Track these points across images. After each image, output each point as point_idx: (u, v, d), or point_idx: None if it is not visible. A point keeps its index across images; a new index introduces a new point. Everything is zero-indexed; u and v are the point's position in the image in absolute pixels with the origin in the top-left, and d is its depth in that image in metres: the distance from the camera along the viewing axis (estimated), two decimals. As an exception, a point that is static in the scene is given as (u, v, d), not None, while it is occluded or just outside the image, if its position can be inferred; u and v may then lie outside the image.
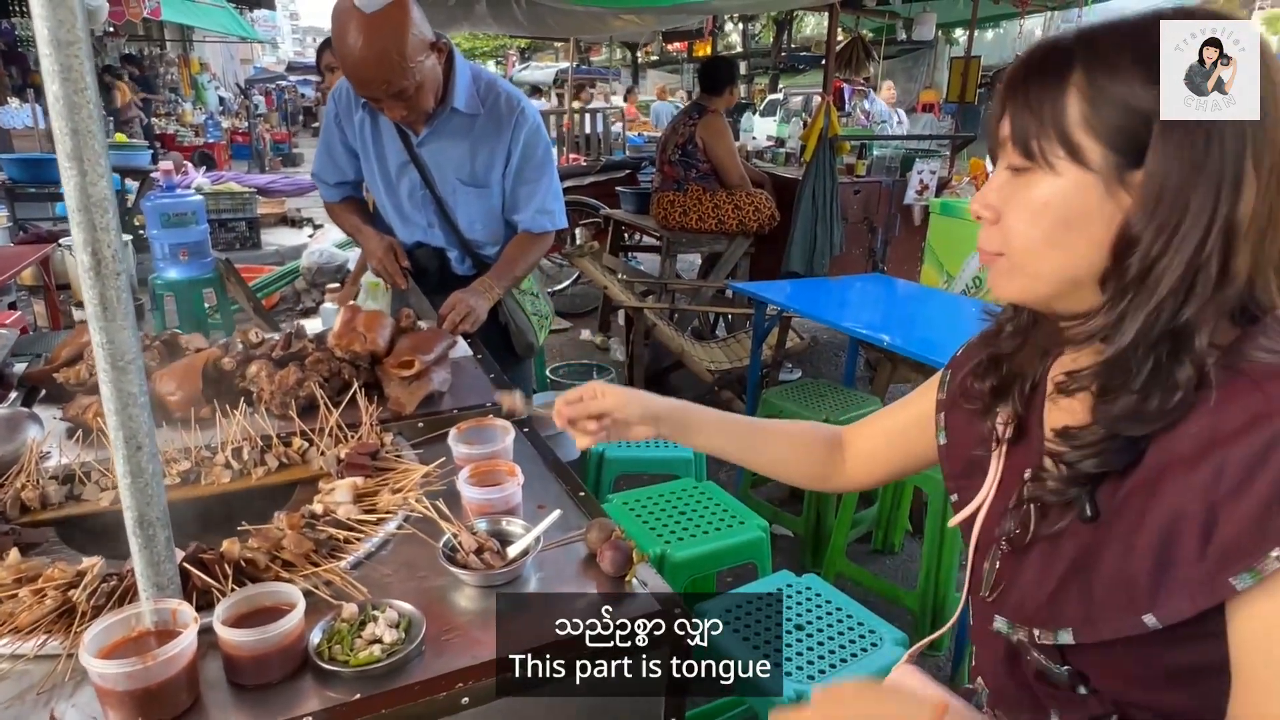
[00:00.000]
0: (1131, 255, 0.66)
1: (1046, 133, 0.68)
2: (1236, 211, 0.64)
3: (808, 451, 1.13)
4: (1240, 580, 0.61)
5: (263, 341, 1.65)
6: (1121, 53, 0.67)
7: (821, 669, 1.54)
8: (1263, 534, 0.61)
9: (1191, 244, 0.64)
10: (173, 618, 0.89)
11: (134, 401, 0.82)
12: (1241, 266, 0.64)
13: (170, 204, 4.28)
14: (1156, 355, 0.66)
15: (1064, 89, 0.67)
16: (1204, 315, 0.65)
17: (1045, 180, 0.69)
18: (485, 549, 1.09)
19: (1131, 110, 0.65)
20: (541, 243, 2.15)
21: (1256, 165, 0.64)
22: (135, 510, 0.86)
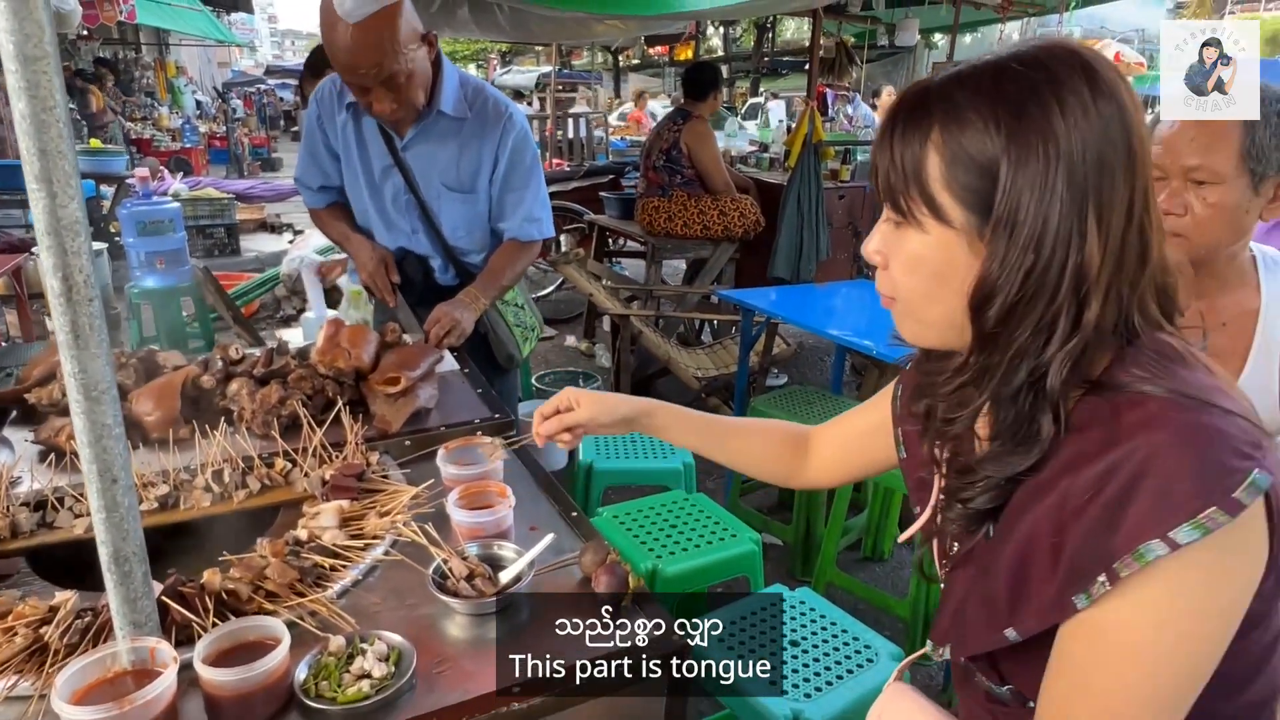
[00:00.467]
0: (990, 307, 0.68)
1: (911, 192, 0.70)
2: (1084, 260, 0.65)
3: (773, 450, 1.17)
4: (1079, 600, 0.65)
5: (243, 358, 1.61)
6: (972, 107, 0.68)
7: (818, 685, 1.51)
8: (1096, 557, 0.64)
9: (1045, 295, 0.66)
10: (151, 657, 0.85)
11: (108, 433, 0.78)
12: (1094, 314, 0.66)
13: (147, 211, 4.20)
14: (1020, 403, 0.69)
15: (925, 148, 0.69)
16: (1058, 365, 0.67)
17: (916, 235, 0.72)
18: (477, 575, 1.06)
19: (981, 168, 0.67)
20: (528, 252, 2.11)
21: (1100, 216, 0.66)
22: (110, 546, 0.82)
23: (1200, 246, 1.30)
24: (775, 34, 11.31)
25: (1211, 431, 0.63)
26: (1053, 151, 0.65)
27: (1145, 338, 0.70)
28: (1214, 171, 1.25)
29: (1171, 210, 1.30)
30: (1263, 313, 1.37)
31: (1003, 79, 0.67)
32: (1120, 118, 0.66)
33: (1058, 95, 0.65)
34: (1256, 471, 0.61)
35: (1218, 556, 0.63)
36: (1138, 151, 0.67)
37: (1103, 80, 0.66)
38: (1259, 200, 1.28)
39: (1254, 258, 1.39)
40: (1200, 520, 0.60)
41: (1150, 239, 0.69)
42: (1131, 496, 0.63)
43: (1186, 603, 0.64)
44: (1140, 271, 0.69)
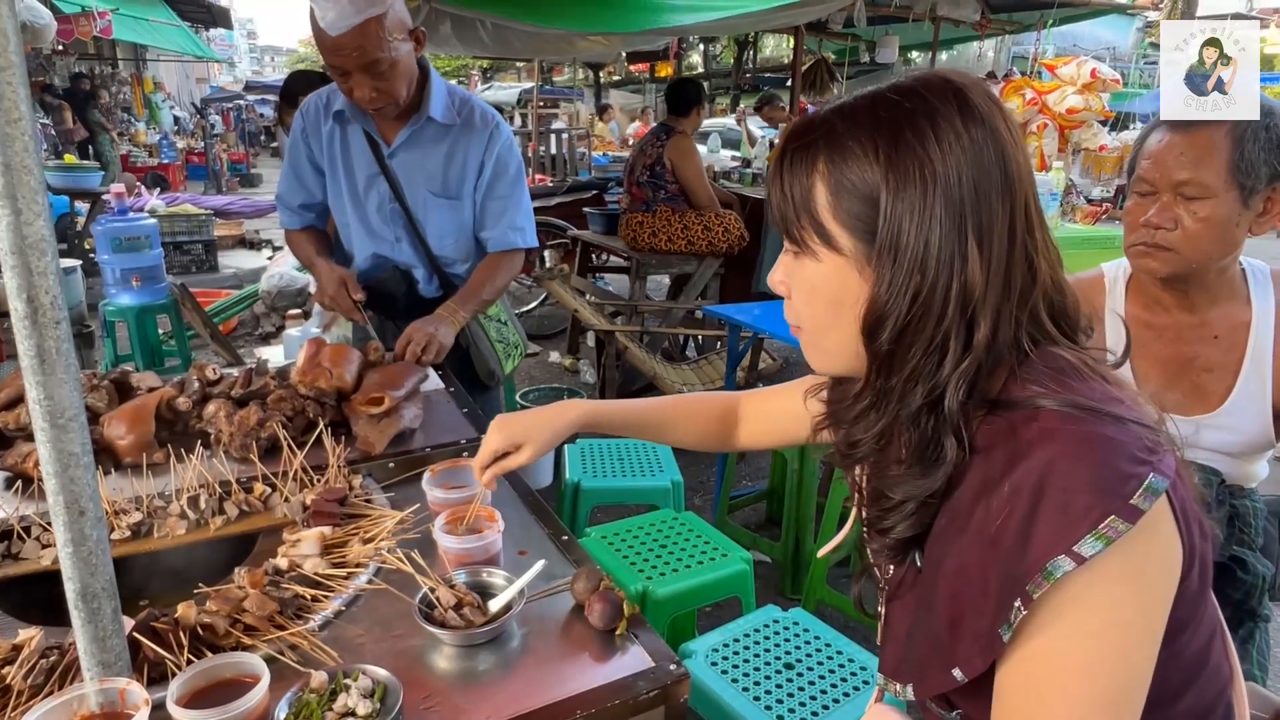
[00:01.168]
0: (881, 331, 0.69)
1: (803, 222, 0.72)
2: (967, 281, 0.67)
3: (710, 426, 1.23)
4: (1004, 632, 0.65)
5: (221, 379, 1.56)
6: (852, 137, 0.69)
7: (814, 710, 1.48)
8: (1013, 583, 0.64)
9: (933, 316, 0.67)
10: (121, 699, 0.80)
11: (76, 462, 0.74)
12: (984, 334, 0.67)
13: (122, 228, 4.13)
14: (921, 426, 0.70)
15: (812, 179, 0.71)
16: (953, 385, 0.68)
17: (812, 265, 0.74)
18: (465, 604, 1.02)
19: (863, 196, 0.69)
20: (510, 263, 2.08)
21: (980, 238, 0.67)
22: (78, 581, 0.77)
23: (1190, 261, 1.30)
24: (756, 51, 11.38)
25: (1103, 441, 0.63)
26: (929, 176, 0.66)
27: (1038, 353, 0.70)
28: (1203, 185, 1.25)
29: (1161, 224, 1.29)
30: (1254, 326, 1.37)
31: (879, 108, 0.69)
32: (994, 142, 0.67)
33: (932, 122, 0.67)
34: (1152, 475, 0.62)
35: (1125, 563, 0.62)
36: (1014, 175, 0.68)
37: (975, 107, 0.68)
38: (1248, 214, 1.28)
39: (1243, 271, 1.39)
40: (1101, 531, 0.61)
41: (1037, 259, 0.70)
42: (1035, 515, 0.63)
43: (1104, 615, 0.63)
44: (1030, 290, 0.70)
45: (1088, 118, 3.80)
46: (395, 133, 1.95)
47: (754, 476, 3.81)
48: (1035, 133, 3.92)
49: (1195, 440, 1.41)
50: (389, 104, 1.84)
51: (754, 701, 1.49)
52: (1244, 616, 1.40)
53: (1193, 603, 0.71)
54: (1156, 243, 1.30)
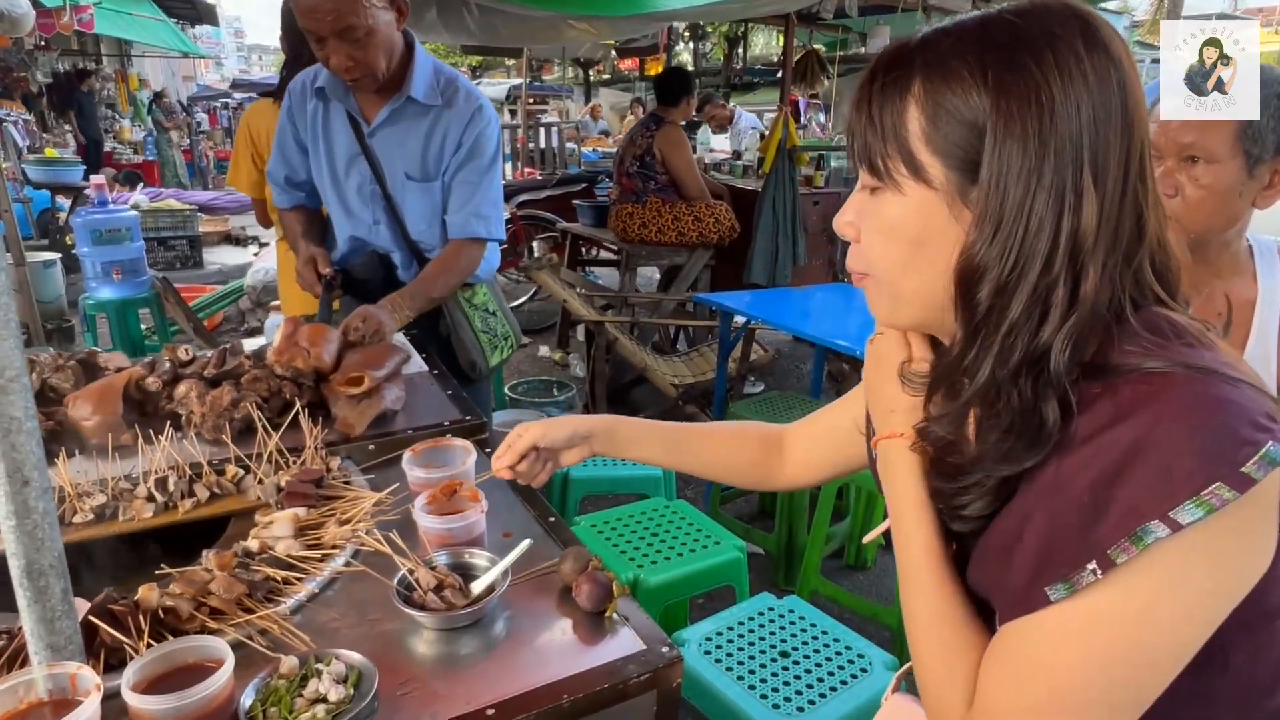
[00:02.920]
0: (980, 285, 0.63)
1: (890, 151, 0.65)
2: (1080, 225, 0.60)
3: (743, 452, 1.11)
4: (1056, 590, 0.60)
5: (193, 359, 1.50)
6: (959, 58, 0.62)
7: (810, 699, 1.43)
8: (1081, 544, 0.59)
9: (1038, 264, 0.61)
10: (71, 684, 0.75)
11: (18, 427, 0.68)
12: (1091, 285, 0.61)
13: (102, 219, 4.04)
14: (1020, 390, 0.63)
15: (905, 102, 0.64)
16: (1059, 342, 0.61)
17: (895, 200, 0.67)
18: (446, 586, 0.97)
19: (967, 123, 0.62)
20: (468, 255, 1.96)
21: (1095, 177, 0.61)
22: (22, 557, 0.71)
23: (1191, 230, 1.26)
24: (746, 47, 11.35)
25: (1218, 401, 0.57)
26: (1045, 104, 0.59)
27: (1140, 315, 0.64)
28: (1208, 149, 1.22)
29: (1163, 191, 1.25)
30: (1259, 303, 1.33)
31: (991, 28, 0.62)
32: (1116, 74, 0.61)
33: (1051, 46, 0.60)
34: (1271, 444, 0.55)
35: (1222, 538, 0.56)
36: (1134, 112, 0.62)
37: (1099, 34, 0.61)
38: (1253, 185, 1.24)
39: (1250, 247, 1.35)
40: (1204, 497, 0.54)
41: (1146, 211, 0.64)
42: (1125, 474, 0.57)
43: (1182, 590, 0.58)
44: (1137, 245, 0.63)
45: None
46: (376, 111, 1.89)
47: (746, 469, 3.77)
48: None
49: None
50: (366, 76, 1.77)
51: (749, 690, 1.44)
52: None
53: None
54: None
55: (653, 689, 0.90)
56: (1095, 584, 0.58)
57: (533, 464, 1.07)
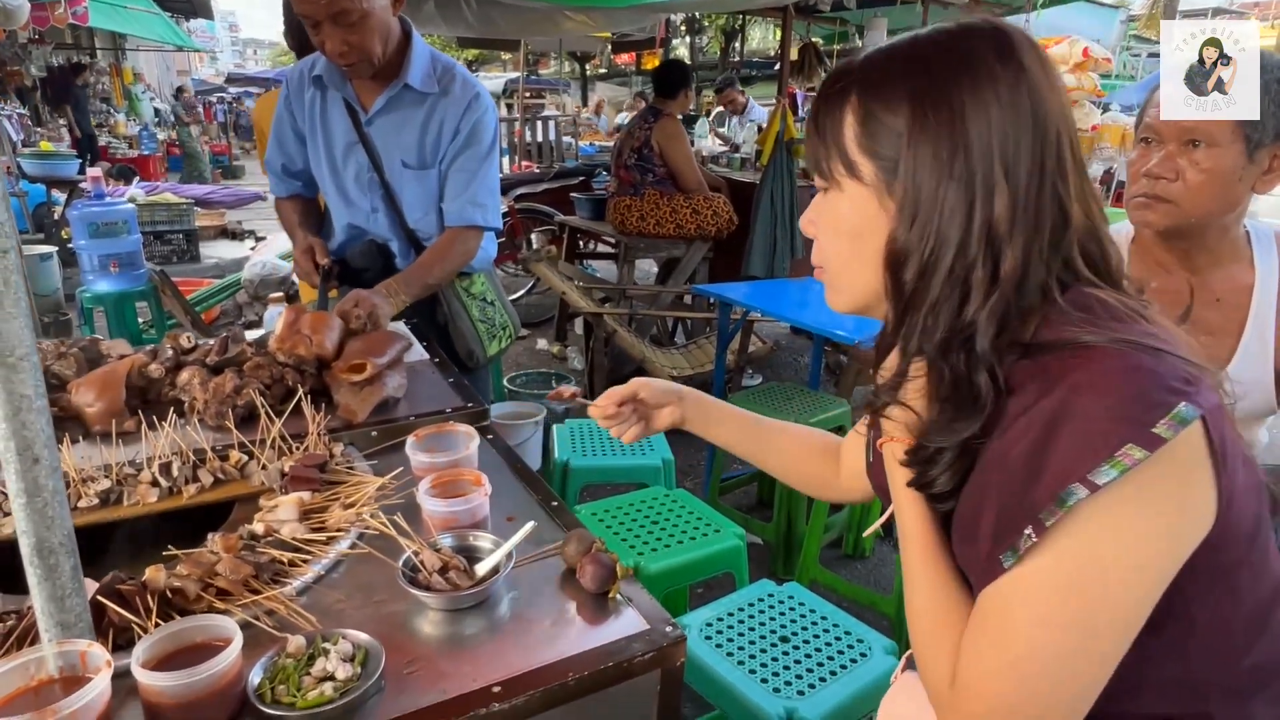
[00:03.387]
0: (905, 267, 0.71)
1: (831, 154, 0.75)
2: (993, 213, 0.67)
3: (813, 456, 1.16)
4: (1006, 559, 0.65)
5: (195, 346, 1.50)
6: (888, 72, 0.72)
7: (811, 683, 1.44)
8: (1021, 511, 0.64)
9: (953, 248, 0.68)
10: (81, 662, 0.75)
11: (28, 405, 0.68)
12: (1010, 268, 0.67)
13: (99, 212, 4.04)
14: (952, 364, 0.69)
15: (843, 112, 0.73)
16: (984, 319, 0.68)
17: (838, 198, 0.76)
18: (451, 568, 0.98)
19: (890, 127, 0.70)
20: (464, 243, 1.96)
21: (1006, 172, 0.68)
22: (33, 535, 0.72)
23: (1189, 214, 1.27)
24: (743, 42, 11.34)
25: (1133, 369, 0.62)
26: (956, 109, 0.67)
27: (1070, 295, 0.70)
28: (1209, 134, 1.22)
29: (1163, 174, 1.26)
30: (1257, 288, 1.34)
31: (919, 46, 0.72)
32: (1026, 82, 0.68)
33: (967, 58, 0.68)
34: (1183, 405, 0.60)
35: (1142, 496, 0.61)
36: (1045, 114, 0.68)
37: (1012, 47, 0.69)
38: (1253, 169, 1.25)
39: (1248, 233, 1.36)
40: (1117, 458, 0.60)
41: (1069, 203, 0.69)
42: (1051, 443, 0.62)
43: (1110, 547, 0.62)
44: (1061, 234, 0.70)
45: (1080, 97, 3.78)
46: (373, 99, 1.89)
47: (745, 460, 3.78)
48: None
49: None
50: (362, 61, 1.77)
51: (750, 674, 1.45)
52: None
53: (1244, 547, 0.68)
54: (1156, 194, 1.27)
55: (657, 668, 0.91)
56: (1034, 547, 0.64)
57: (627, 416, 1.13)
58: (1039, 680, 0.64)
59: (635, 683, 0.90)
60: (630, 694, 0.90)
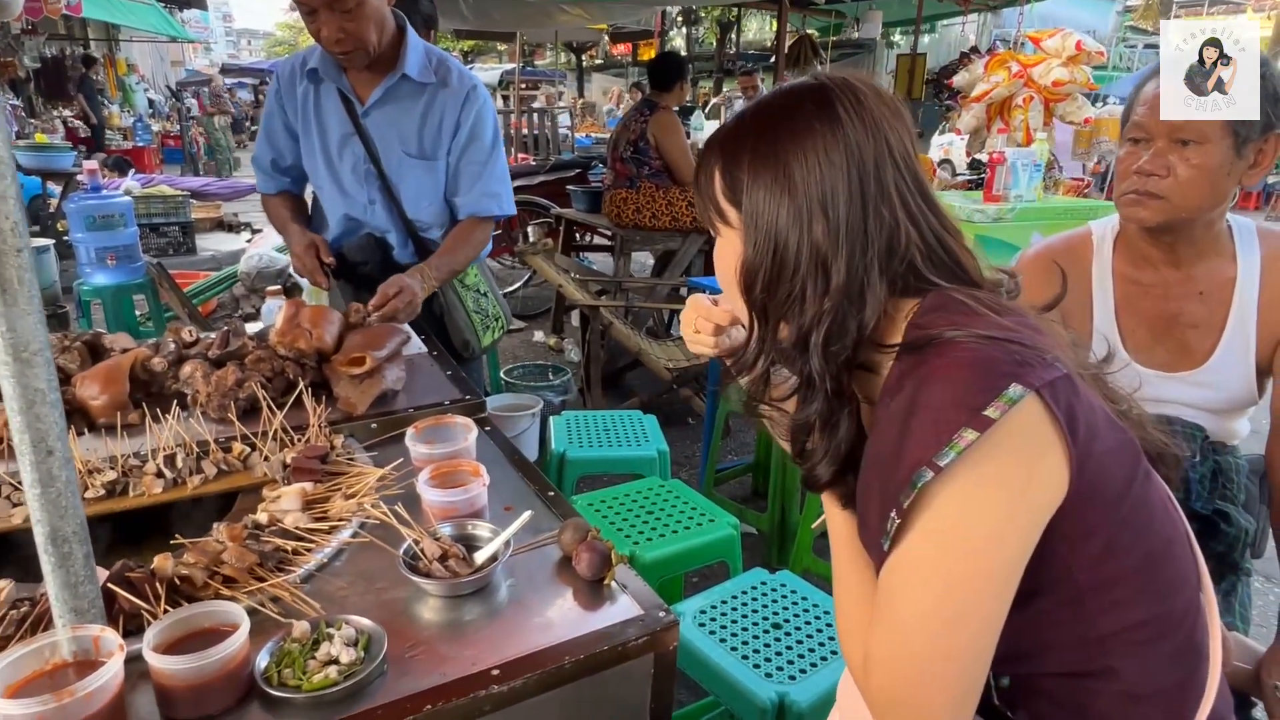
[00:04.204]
0: (754, 284, 0.82)
1: (709, 209, 0.86)
2: (815, 239, 0.78)
3: None
4: (885, 542, 0.73)
5: (197, 340, 1.52)
6: (733, 130, 0.85)
7: (802, 668, 1.48)
8: (889, 498, 0.72)
9: (788, 266, 0.79)
10: (94, 646, 0.78)
11: (42, 399, 0.71)
12: (839, 281, 0.77)
13: (96, 205, 4.04)
14: (800, 365, 0.80)
15: (711, 172, 0.85)
16: (817, 322, 0.78)
17: (720, 243, 0.88)
18: (450, 555, 1.01)
19: (738, 178, 0.82)
20: (482, 231, 2.03)
21: (824, 206, 0.78)
22: (47, 524, 0.75)
23: (1180, 210, 1.29)
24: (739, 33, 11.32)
25: (969, 359, 0.69)
26: (782, 158, 0.79)
27: (929, 298, 0.78)
28: (1199, 131, 1.24)
29: (1154, 171, 1.28)
30: (1239, 282, 1.37)
31: (761, 109, 0.84)
32: (841, 132, 0.78)
33: (790, 117, 0.80)
34: (1012, 386, 0.67)
35: (978, 471, 0.68)
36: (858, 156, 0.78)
37: (830, 103, 0.79)
38: (1240, 164, 1.27)
39: (1230, 228, 1.39)
40: (955, 441, 0.67)
41: (899, 218, 0.79)
42: (906, 434, 0.70)
43: (948, 519, 0.69)
44: (897, 247, 0.79)
45: (1072, 90, 3.80)
46: (370, 90, 1.91)
47: (740, 451, 3.81)
48: (1021, 106, 3.91)
49: (1179, 397, 1.41)
50: (358, 49, 1.79)
51: (742, 660, 1.49)
52: (1226, 570, 1.40)
53: (1112, 504, 0.74)
54: (1148, 190, 1.29)
55: (650, 652, 0.94)
56: (899, 529, 0.72)
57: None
58: (929, 649, 0.71)
59: (629, 666, 0.93)
60: (625, 677, 0.93)
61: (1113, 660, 0.77)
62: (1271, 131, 1.26)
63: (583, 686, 0.91)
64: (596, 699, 0.93)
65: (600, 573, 1.02)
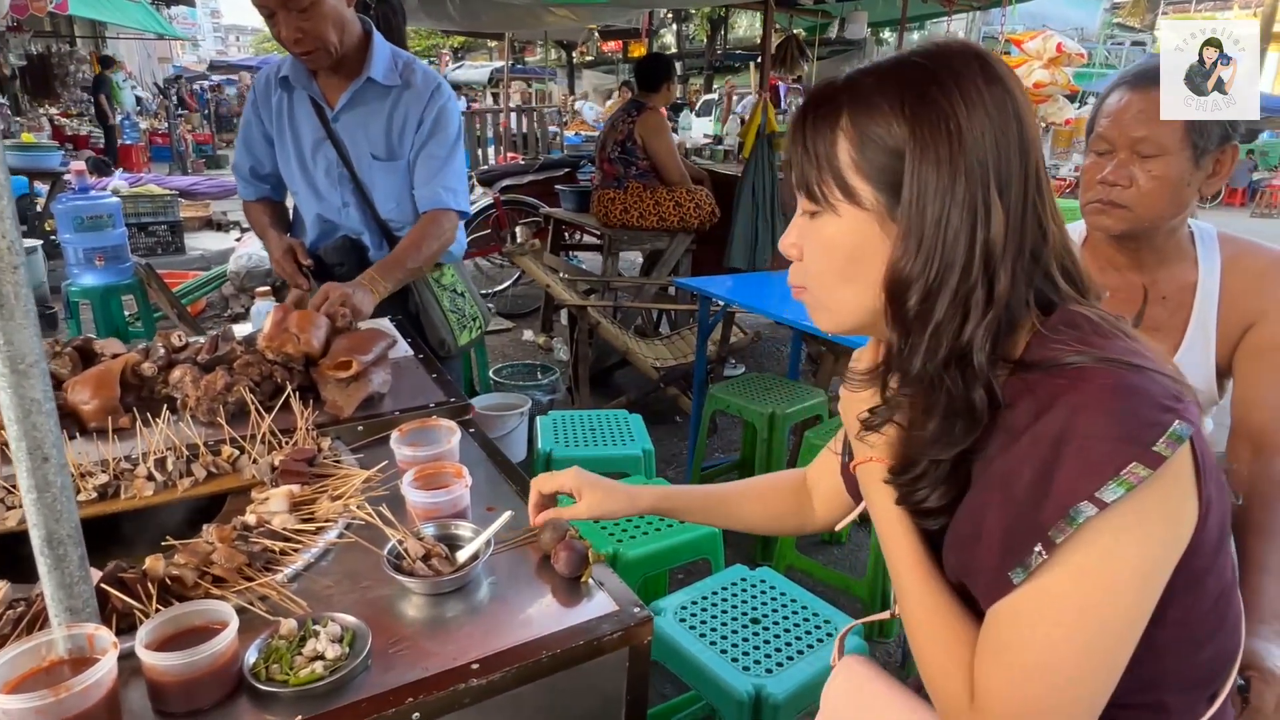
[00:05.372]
0: (909, 294, 0.71)
1: (825, 178, 0.74)
2: (990, 234, 0.69)
3: (778, 503, 1.17)
4: (1016, 575, 0.68)
5: (186, 345, 1.55)
6: (880, 94, 0.71)
7: (779, 661, 1.52)
8: (1030, 530, 0.66)
9: (957, 271, 0.69)
10: (89, 644, 0.81)
11: (38, 409, 0.74)
12: (1004, 287, 0.70)
13: (84, 206, 4.04)
14: (951, 381, 0.71)
15: (835, 135, 0.73)
16: (980, 337, 0.70)
17: (831, 221, 0.75)
18: (433, 555, 1.04)
19: (889, 150, 0.71)
20: (439, 227, 2.02)
21: (1000, 192, 0.69)
22: (43, 528, 0.78)
23: (1143, 219, 1.34)
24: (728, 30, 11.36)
25: (1127, 389, 0.65)
26: (954, 131, 0.68)
27: (1058, 314, 0.72)
28: (1159, 144, 1.28)
29: (1117, 181, 1.33)
30: (1200, 287, 1.41)
31: (905, 68, 0.72)
32: (1011, 103, 0.70)
33: (956, 81, 0.69)
34: (1177, 423, 0.63)
35: (1140, 509, 0.64)
36: (1028, 135, 0.71)
37: (995, 70, 0.71)
38: (1199, 174, 1.32)
39: (1191, 233, 1.43)
40: (1123, 477, 0.62)
41: (1046, 220, 0.72)
42: (1057, 462, 0.65)
43: (1119, 560, 0.65)
44: (1042, 250, 0.72)
45: (1053, 92, 3.85)
46: (339, 95, 1.97)
47: (726, 448, 3.86)
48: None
49: None
50: (318, 50, 1.83)
51: (721, 654, 1.53)
52: None
53: (1212, 552, 0.72)
54: (1112, 200, 1.34)
55: (625, 646, 0.98)
56: (1044, 564, 0.66)
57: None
58: (1061, 688, 0.66)
59: (605, 660, 0.97)
60: (600, 670, 0.97)
61: (1166, 695, 0.76)
62: (1228, 142, 1.30)
63: (560, 679, 0.95)
64: (573, 691, 0.97)
65: (578, 570, 1.05)
